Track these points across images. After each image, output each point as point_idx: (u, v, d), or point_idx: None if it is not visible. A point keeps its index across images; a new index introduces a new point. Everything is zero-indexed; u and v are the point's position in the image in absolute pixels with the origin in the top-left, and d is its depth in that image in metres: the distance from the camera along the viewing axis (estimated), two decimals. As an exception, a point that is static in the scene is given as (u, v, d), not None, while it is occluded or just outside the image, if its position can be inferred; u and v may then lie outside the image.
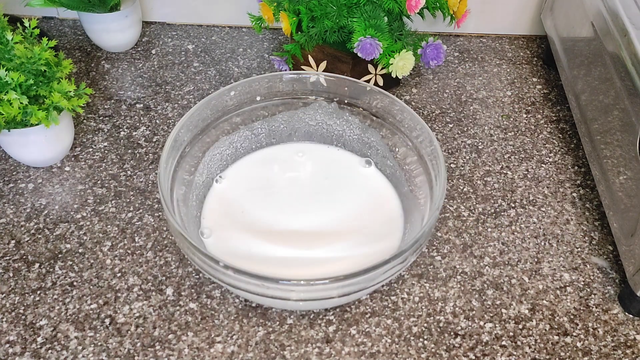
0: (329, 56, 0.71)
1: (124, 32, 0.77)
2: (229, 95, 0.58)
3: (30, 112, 0.55)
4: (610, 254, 0.58)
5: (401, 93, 0.75)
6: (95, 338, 0.49)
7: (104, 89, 0.74)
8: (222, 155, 0.60)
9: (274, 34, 0.84)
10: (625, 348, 0.51)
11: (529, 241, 0.59)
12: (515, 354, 0.50)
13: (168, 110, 0.71)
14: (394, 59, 0.65)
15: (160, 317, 0.51)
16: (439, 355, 0.49)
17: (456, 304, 0.53)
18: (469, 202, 0.62)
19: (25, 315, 0.51)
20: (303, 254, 0.54)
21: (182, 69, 0.77)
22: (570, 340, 0.51)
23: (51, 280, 0.53)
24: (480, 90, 0.76)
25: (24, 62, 0.56)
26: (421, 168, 0.55)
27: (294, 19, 0.67)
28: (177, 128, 0.53)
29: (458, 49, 0.84)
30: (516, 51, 0.84)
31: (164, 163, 0.51)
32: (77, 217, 0.59)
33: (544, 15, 0.80)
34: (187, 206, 0.54)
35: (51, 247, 0.56)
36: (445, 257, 0.57)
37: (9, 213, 0.59)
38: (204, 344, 0.49)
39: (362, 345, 0.50)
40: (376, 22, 0.64)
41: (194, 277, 0.54)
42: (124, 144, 0.67)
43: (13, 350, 0.49)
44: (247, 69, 0.78)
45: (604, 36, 0.60)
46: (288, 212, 0.57)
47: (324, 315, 0.52)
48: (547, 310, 0.53)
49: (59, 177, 0.63)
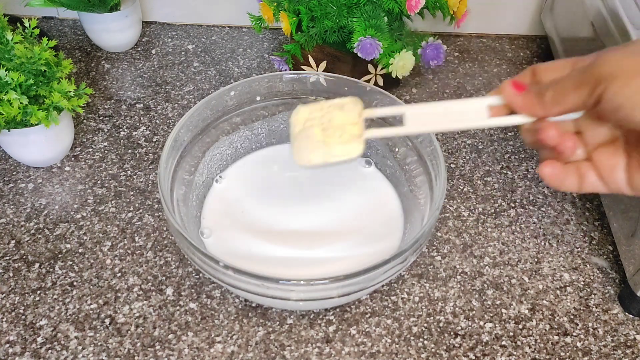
0: (329, 56, 0.71)
1: (124, 32, 0.77)
2: (229, 95, 0.58)
3: (30, 112, 0.55)
4: (610, 254, 0.58)
5: (401, 93, 0.75)
6: (95, 338, 0.49)
7: (104, 89, 0.74)
8: (222, 155, 0.60)
9: (274, 34, 0.84)
10: (625, 348, 0.51)
11: (529, 241, 0.59)
12: (515, 354, 0.50)
13: (168, 110, 0.71)
14: (394, 59, 0.65)
15: (160, 317, 0.51)
16: (439, 355, 0.49)
17: (456, 304, 0.53)
18: (469, 202, 0.62)
19: (25, 315, 0.51)
20: (303, 254, 0.54)
21: (182, 69, 0.77)
22: (570, 340, 0.51)
23: (51, 280, 0.53)
24: (480, 90, 0.76)
25: (24, 62, 0.56)
26: (421, 168, 0.55)
27: (294, 19, 0.67)
28: (177, 128, 0.53)
29: (458, 49, 0.84)
30: (516, 51, 0.84)
31: (164, 163, 0.51)
32: (77, 217, 0.59)
33: (544, 15, 0.80)
34: (187, 206, 0.54)
35: (51, 247, 0.56)
36: (445, 257, 0.57)
37: (9, 213, 0.59)
38: (204, 344, 0.49)
39: (362, 345, 0.50)
40: (376, 22, 0.64)
41: (194, 277, 0.54)
42: (124, 144, 0.67)
43: (13, 350, 0.49)
44: (247, 69, 0.78)
45: (604, 36, 0.60)
46: (288, 212, 0.57)
47: (324, 315, 0.52)
48: (547, 310, 0.53)
49: (59, 177, 0.63)
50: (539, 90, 0.37)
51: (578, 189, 0.39)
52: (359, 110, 0.43)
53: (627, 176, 0.37)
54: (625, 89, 0.32)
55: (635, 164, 0.37)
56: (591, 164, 0.38)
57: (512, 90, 0.38)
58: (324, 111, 0.44)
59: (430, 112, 0.41)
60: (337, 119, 0.43)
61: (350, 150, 0.42)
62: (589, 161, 0.39)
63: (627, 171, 0.37)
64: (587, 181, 0.38)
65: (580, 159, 0.39)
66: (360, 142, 0.42)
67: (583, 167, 0.38)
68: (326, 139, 0.42)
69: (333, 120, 0.43)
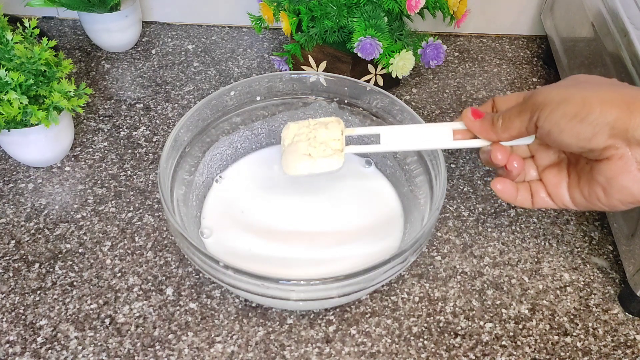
0: (329, 56, 0.71)
1: (124, 32, 0.77)
2: (229, 95, 0.58)
3: (30, 112, 0.55)
4: (610, 254, 0.58)
5: (401, 93, 0.75)
6: (95, 338, 0.49)
7: (104, 89, 0.74)
8: (222, 155, 0.60)
9: (274, 34, 0.84)
10: (625, 348, 0.51)
11: (529, 241, 0.59)
12: (515, 354, 0.50)
13: (168, 110, 0.71)
14: (394, 59, 0.65)
15: (160, 317, 0.51)
16: (439, 355, 0.49)
17: (456, 304, 0.53)
18: (469, 202, 0.62)
19: (25, 315, 0.51)
20: (303, 254, 0.54)
21: (182, 69, 0.77)
22: (570, 340, 0.51)
23: (51, 280, 0.53)
24: (480, 90, 0.76)
25: (24, 62, 0.56)
26: (421, 168, 0.55)
27: (294, 19, 0.67)
28: (177, 128, 0.53)
29: (458, 49, 0.84)
30: (516, 51, 0.84)
31: (164, 163, 0.51)
32: (77, 217, 0.59)
33: (544, 15, 0.80)
34: (187, 206, 0.54)
35: (51, 247, 0.56)
36: (445, 257, 0.57)
37: (9, 213, 0.59)
38: (204, 344, 0.49)
39: (362, 345, 0.50)
40: (376, 22, 0.64)
41: (194, 277, 0.54)
42: (124, 144, 0.67)
43: (13, 350, 0.49)
44: (247, 69, 0.78)
45: (604, 36, 0.60)
46: (288, 212, 0.57)
47: (324, 315, 0.52)
48: (547, 310, 0.53)
49: (59, 177, 0.63)
50: (492, 118, 0.43)
51: (531, 204, 0.45)
52: (341, 128, 0.50)
53: (569, 193, 0.43)
54: (552, 115, 0.38)
55: (574, 182, 0.42)
56: (541, 182, 0.45)
57: (471, 117, 0.45)
58: (311, 128, 0.51)
59: (402, 133, 0.48)
60: (321, 136, 0.50)
61: (332, 163, 0.49)
62: (540, 180, 0.45)
63: (569, 189, 0.43)
64: (538, 197, 0.44)
65: (534, 179, 0.45)
66: (341, 156, 0.49)
67: (534, 186, 0.45)
68: (311, 153, 0.49)
69: (318, 136, 0.50)
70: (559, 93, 0.38)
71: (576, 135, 0.37)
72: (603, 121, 0.36)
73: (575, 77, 0.42)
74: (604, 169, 0.38)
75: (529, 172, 0.46)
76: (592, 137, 0.37)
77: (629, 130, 0.36)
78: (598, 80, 0.40)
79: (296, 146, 0.50)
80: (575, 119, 0.37)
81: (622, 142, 0.37)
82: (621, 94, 0.37)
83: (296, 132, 0.51)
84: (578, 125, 0.37)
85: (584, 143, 0.38)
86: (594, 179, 0.40)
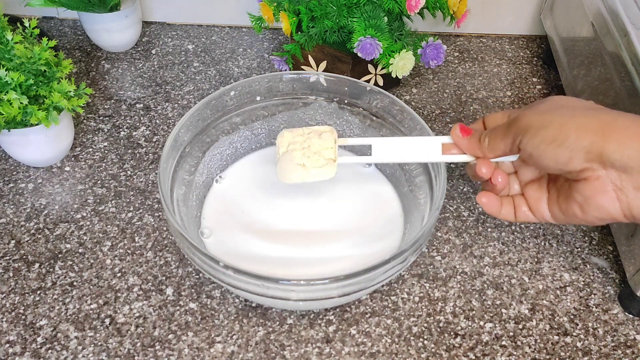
0: (329, 56, 0.71)
1: (124, 32, 0.77)
2: (229, 95, 0.58)
3: (30, 112, 0.55)
4: (610, 254, 0.58)
5: (401, 93, 0.75)
6: (95, 338, 0.49)
7: (104, 89, 0.74)
8: (222, 155, 0.60)
9: (274, 34, 0.84)
10: (625, 348, 0.51)
11: (529, 241, 0.59)
12: (515, 354, 0.50)
13: (168, 110, 0.71)
14: (394, 59, 0.65)
15: (160, 317, 0.51)
16: (439, 355, 0.49)
17: (456, 304, 0.53)
18: (469, 202, 0.62)
19: (25, 315, 0.51)
20: (303, 254, 0.54)
21: (182, 69, 0.77)
22: (570, 340, 0.51)
23: (51, 280, 0.53)
24: (480, 90, 0.76)
25: (24, 62, 0.56)
26: (421, 168, 0.55)
27: (294, 19, 0.67)
28: (177, 128, 0.53)
29: (458, 49, 0.84)
30: (516, 51, 0.84)
31: (164, 163, 0.51)
32: (77, 217, 0.59)
33: (544, 15, 0.80)
34: (187, 206, 0.54)
35: (51, 247, 0.56)
36: (445, 257, 0.57)
37: (9, 213, 0.59)
38: (204, 344, 0.49)
39: (362, 345, 0.50)
40: (376, 22, 0.64)
41: (194, 277, 0.54)
42: (124, 144, 0.67)
43: (13, 350, 0.49)
44: (247, 69, 0.78)
45: (604, 36, 0.60)
46: (288, 212, 0.57)
47: (324, 315, 0.52)
48: (547, 310, 0.53)
49: (59, 177, 0.63)
50: (479, 136, 0.45)
51: (513, 218, 0.47)
52: (334, 138, 0.51)
53: (548, 208, 0.45)
54: (532, 140, 0.40)
55: (553, 197, 0.44)
56: (523, 197, 0.47)
57: (459, 133, 0.46)
58: (305, 137, 0.52)
59: (393, 146, 0.49)
60: (315, 145, 0.51)
61: (324, 173, 0.51)
62: (522, 195, 0.47)
63: (548, 204, 0.45)
64: (520, 211, 0.47)
65: (517, 193, 0.48)
66: (333, 166, 0.51)
67: (517, 200, 0.47)
68: (305, 163, 0.51)
69: (312, 146, 0.51)
70: (538, 119, 0.41)
71: (554, 158, 0.40)
72: (579, 146, 0.38)
73: (556, 101, 0.43)
74: (581, 188, 0.40)
75: (513, 187, 0.48)
76: (569, 160, 0.39)
77: (603, 154, 0.38)
78: (576, 105, 0.42)
79: (291, 155, 0.51)
80: (553, 144, 0.39)
81: (599, 165, 0.39)
82: (597, 119, 0.39)
83: (291, 140, 0.52)
84: (556, 149, 0.39)
85: (562, 166, 0.40)
86: (572, 196, 0.42)
